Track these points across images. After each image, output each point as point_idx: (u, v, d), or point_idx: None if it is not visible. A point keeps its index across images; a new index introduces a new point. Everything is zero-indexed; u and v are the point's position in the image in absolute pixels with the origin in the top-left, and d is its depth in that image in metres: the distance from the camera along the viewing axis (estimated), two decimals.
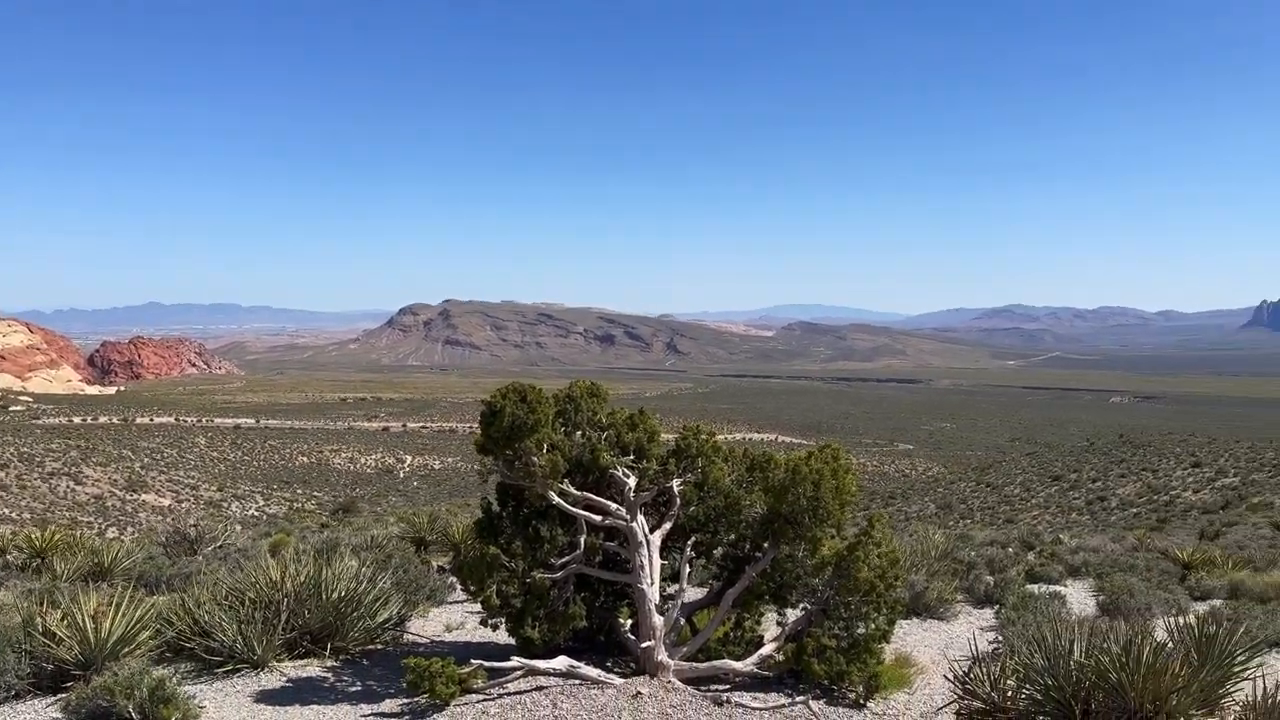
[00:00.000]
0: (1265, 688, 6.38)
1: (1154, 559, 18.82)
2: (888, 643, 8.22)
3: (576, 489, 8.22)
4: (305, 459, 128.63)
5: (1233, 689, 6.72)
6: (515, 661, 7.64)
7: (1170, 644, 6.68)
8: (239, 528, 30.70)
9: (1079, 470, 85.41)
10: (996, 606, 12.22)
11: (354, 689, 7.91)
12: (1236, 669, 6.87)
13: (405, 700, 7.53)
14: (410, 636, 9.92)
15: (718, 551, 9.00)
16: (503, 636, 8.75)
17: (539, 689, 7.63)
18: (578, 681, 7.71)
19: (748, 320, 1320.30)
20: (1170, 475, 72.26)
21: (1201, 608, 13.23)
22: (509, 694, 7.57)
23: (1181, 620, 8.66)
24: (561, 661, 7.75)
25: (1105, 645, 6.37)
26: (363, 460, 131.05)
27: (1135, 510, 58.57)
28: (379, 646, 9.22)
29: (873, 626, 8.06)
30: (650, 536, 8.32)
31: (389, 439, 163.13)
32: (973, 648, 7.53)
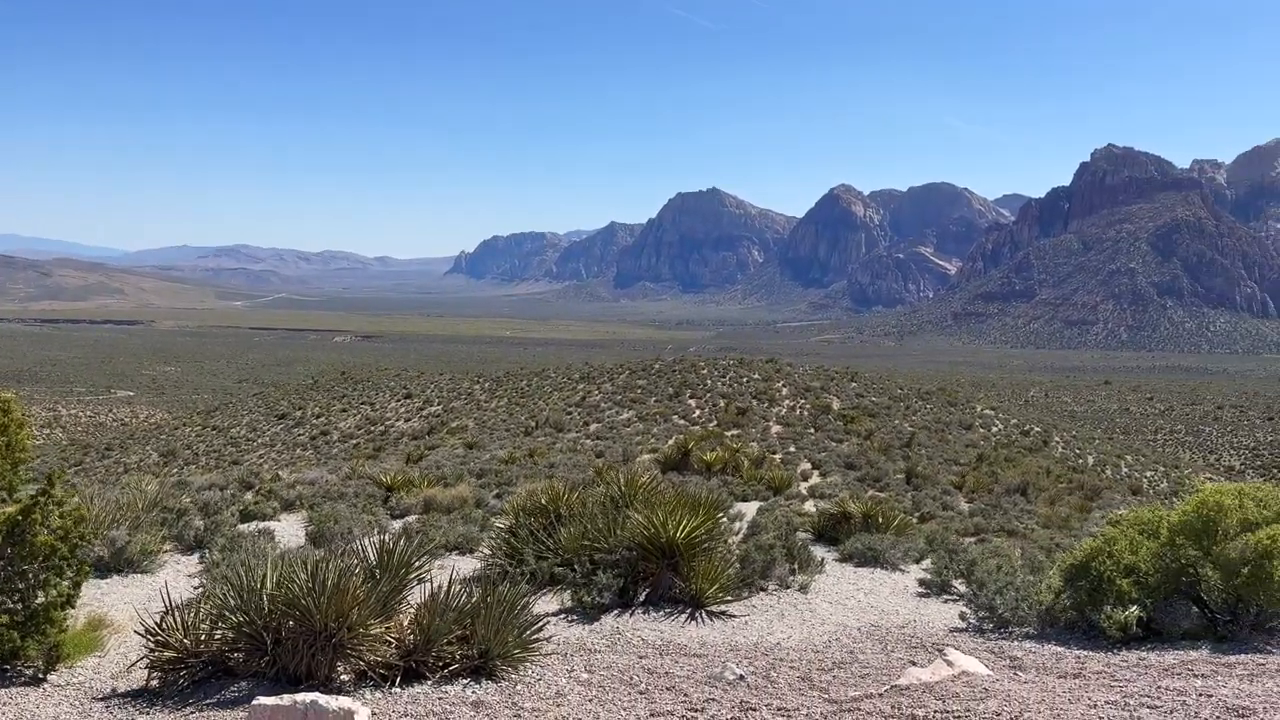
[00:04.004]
0: (436, 586, 7.36)
1: (363, 485, 20.48)
2: (74, 607, 7.51)
3: None
4: None
5: (409, 593, 7.61)
6: None
7: (356, 564, 7.29)
8: None
9: (304, 408, 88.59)
10: (204, 551, 12.05)
11: None
12: (413, 575, 7.78)
13: None
14: None
15: None
16: None
17: None
18: None
19: None
20: (386, 407, 79.19)
21: (399, 525, 14.80)
22: None
23: (376, 539, 9.50)
24: None
25: (295, 574, 6.68)
26: None
27: (356, 441, 63.00)
28: None
29: (55, 593, 7.27)
30: None
31: None
32: (165, 597, 7.29)
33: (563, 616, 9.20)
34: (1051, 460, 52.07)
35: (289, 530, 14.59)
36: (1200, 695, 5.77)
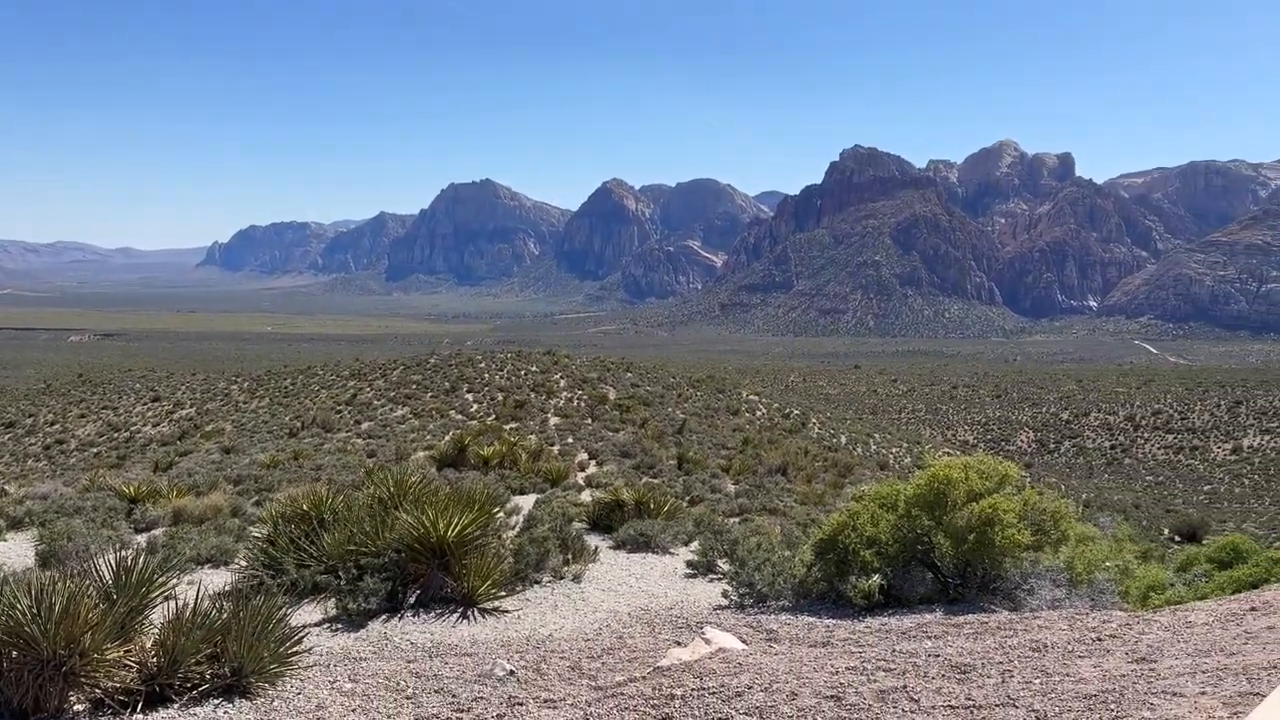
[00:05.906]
0: (183, 603, 6.87)
1: (104, 498, 18.84)
2: None
3: None
4: None
5: (152, 613, 7.07)
6: None
7: (90, 584, 6.69)
8: None
9: (36, 414, 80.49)
10: None
11: None
12: (156, 593, 7.23)
13: None
14: None
15: None
16: None
17: None
18: None
19: None
20: (131, 411, 73.20)
21: (143, 539, 13.74)
22: None
23: (115, 556, 8.77)
24: None
25: (17, 600, 6.06)
26: None
27: (97, 450, 57.85)
28: None
29: None
30: None
31: None
32: None
33: (327, 626, 8.87)
34: (809, 441, 55.45)
35: (17, 550, 13.25)
36: (930, 656, 6.34)
